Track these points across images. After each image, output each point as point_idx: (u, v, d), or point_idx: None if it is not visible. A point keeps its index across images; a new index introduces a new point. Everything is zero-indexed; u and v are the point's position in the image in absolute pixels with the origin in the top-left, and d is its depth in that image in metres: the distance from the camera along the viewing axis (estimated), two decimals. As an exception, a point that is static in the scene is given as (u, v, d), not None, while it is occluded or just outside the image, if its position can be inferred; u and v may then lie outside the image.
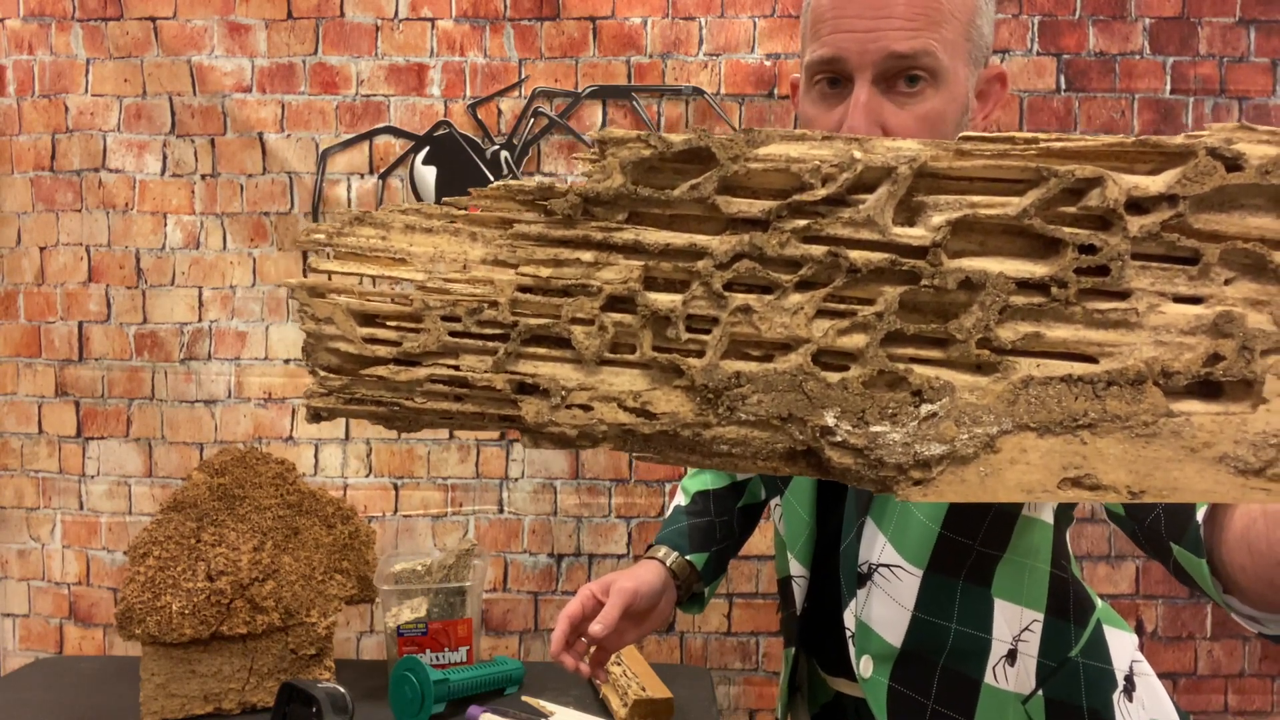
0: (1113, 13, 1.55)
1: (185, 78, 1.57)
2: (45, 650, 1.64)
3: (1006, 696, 0.86)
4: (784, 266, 0.44)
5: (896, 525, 0.86)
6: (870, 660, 0.88)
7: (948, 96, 0.79)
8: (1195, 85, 1.55)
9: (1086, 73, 1.56)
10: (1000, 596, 0.87)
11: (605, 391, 0.45)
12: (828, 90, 0.81)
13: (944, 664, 0.86)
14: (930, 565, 0.85)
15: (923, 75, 0.77)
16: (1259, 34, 1.55)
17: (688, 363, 0.44)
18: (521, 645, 1.61)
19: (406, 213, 0.47)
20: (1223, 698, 1.60)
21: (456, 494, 1.61)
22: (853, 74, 0.78)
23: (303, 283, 0.47)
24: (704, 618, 1.59)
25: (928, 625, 0.86)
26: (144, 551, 1.19)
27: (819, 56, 0.79)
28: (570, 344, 0.45)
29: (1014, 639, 0.87)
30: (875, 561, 0.87)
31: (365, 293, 0.47)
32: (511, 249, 0.46)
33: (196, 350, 1.59)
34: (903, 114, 0.78)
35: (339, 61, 1.57)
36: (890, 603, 0.87)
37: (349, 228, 0.47)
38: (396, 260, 0.46)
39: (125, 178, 1.59)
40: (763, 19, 1.55)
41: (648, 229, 0.45)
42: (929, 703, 0.86)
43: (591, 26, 1.56)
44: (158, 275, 1.59)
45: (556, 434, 0.45)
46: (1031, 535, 0.86)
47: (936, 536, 0.84)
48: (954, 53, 0.78)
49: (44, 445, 1.64)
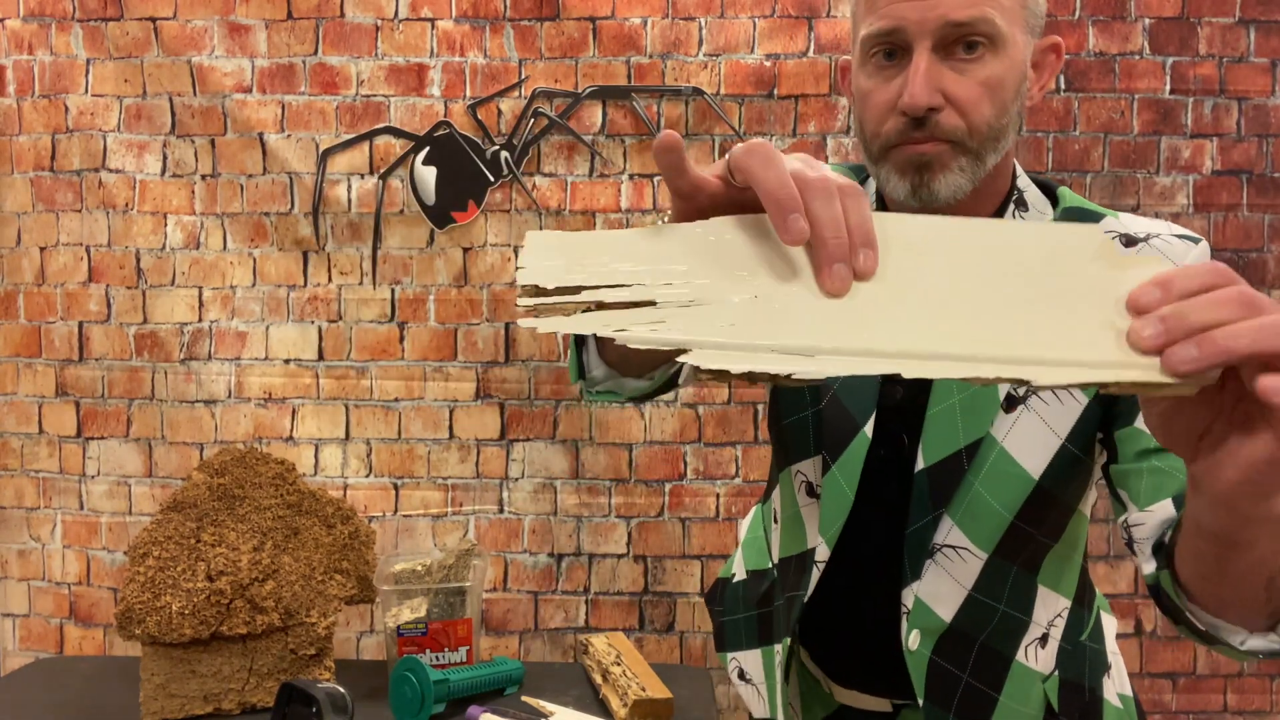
0: (1112, 13, 1.55)
1: (185, 78, 1.57)
2: (45, 650, 1.64)
3: (1032, 675, 0.89)
4: None
5: (966, 510, 0.86)
6: (919, 634, 0.89)
7: (1007, 63, 0.79)
8: (1195, 85, 1.55)
9: (1086, 73, 1.56)
10: (1043, 584, 0.90)
11: None
12: (884, 63, 0.81)
13: (983, 640, 0.89)
14: (996, 551, 0.87)
15: (981, 41, 0.78)
16: (1259, 34, 1.55)
17: None
18: (521, 645, 1.61)
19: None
20: (1221, 697, 1.60)
21: (456, 494, 1.61)
22: (911, 43, 0.78)
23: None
24: (704, 619, 1.59)
25: (980, 605, 0.88)
26: (144, 551, 1.19)
27: (876, 29, 0.79)
28: None
29: (1048, 624, 0.90)
30: (941, 543, 0.88)
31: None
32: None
33: (197, 350, 1.59)
34: (964, 80, 0.78)
35: (339, 62, 1.57)
36: (949, 580, 0.88)
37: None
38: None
39: (125, 178, 1.59)
40: (763, 19, 1.55)
41: None
42: (964, 675, 0.88)
43: (591, 27, 1.56)
44: (158, 275, 1.59)
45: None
46: (1078, 528, 0.90)
47: (1008, 525, 0.85)
48: (1011, 19, 0.79)
49: (44, 445, 1.64)
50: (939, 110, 0.78)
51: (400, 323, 1.60)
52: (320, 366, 1.59)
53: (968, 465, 0.84)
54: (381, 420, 1.60)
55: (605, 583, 1.61)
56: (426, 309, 1.59)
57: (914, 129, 0.79)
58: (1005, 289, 0.48)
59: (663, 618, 1.61)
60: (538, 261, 0.49)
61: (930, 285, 0.48)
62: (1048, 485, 0.83)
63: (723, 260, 0.49)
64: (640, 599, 1.61)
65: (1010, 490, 0.84)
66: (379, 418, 1.60)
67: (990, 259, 0.49)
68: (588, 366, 0.81)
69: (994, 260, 0.49)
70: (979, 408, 0.85)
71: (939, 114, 0.78)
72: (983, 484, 0.84)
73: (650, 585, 1.61)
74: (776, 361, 0.45)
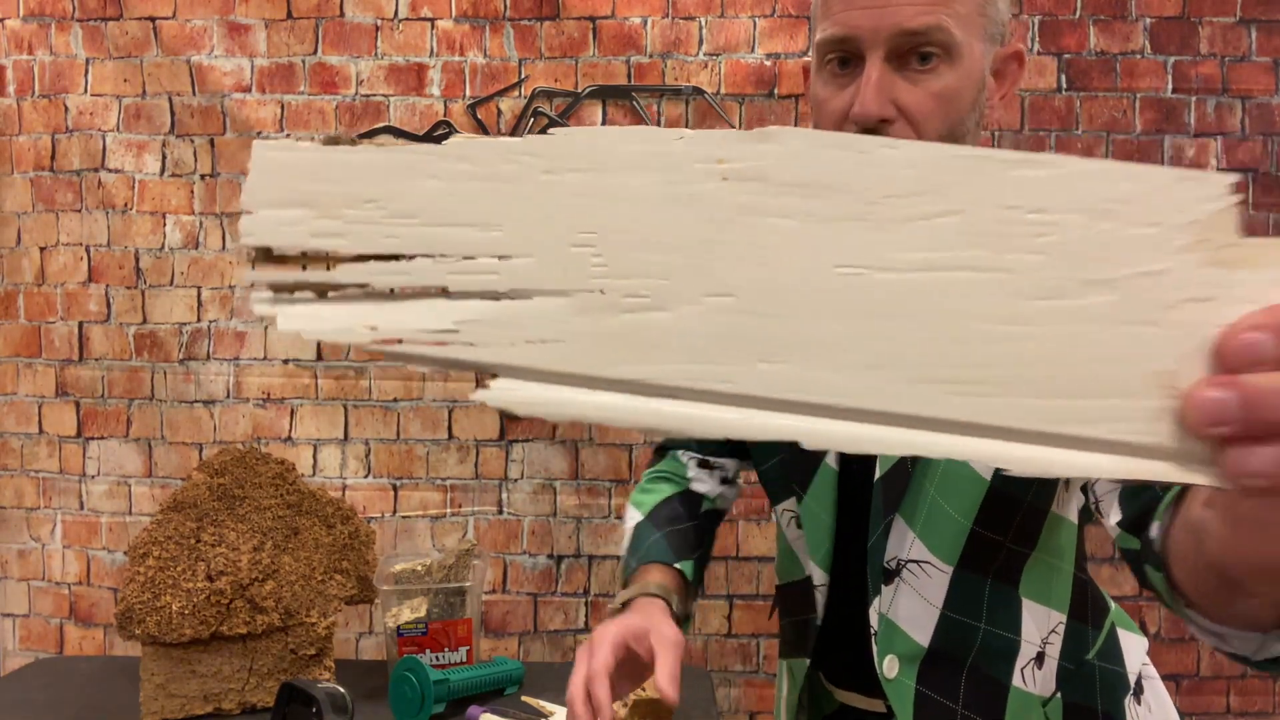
0: (1113, 12, 1.55)
1: (185, 78, 1.57)
2: (45, 650, 1.64)
3: (1032, 700, 0.84)
4: None
5: (926, 521, 0.84)
6: (896, 660, 0.85)
7: (963, 73, 0.77)
8: (1196, 85, 1.55)
9: (1088, 72, 1.56)
10: (1028, 597, 0.85)
11: None
12: (838, 71, 0.79)
13: (971, 665, 0.85)
14: (960, 562, 0.84)
15: (936, 52, 0.75)
16: (1260, 33, 1.55)
17: None
18: (521, 647, 1.61)
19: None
20: (1224, 699, 1.59)
21: (456, 495, 1.61)
22: (864, 52, 0.76)
23: None
24: (704, 619, 1.59)
25: (957, 624, 0.85)
26: (144, 551, 1.19)
27: (829, 35, 0.77)
28: None
29: (1042, 641, 0.85)
30: (904, 558, 0.85)
31: None
32: None
33: (195, 350, 1.59)
34: (916, 90, 0.76)
35: (339, 61, 1.57)
36: (919, 600, 0.85)
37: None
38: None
39: (124, 177, 1.59)
40: (763, 19, 1.55)
41: None
42: (957, 707, 0.84)
43: (591, 26, 1.56)
44: (157, 275, 1.59)
45: None
46: (1058, 534, 0.85)
47: (968, 533, 0.83)
48: (968, 29, 0.77)
49: (44, 445, 1.64)
50: (891, 122, 0.75)
51: (400, 323, 1.59)
52: (319, 367, 1.58)
53: (912, 467, 0.82)
54: (380, 420, 1.60)
55: (605, 585, 1.60)
56: (426, 309, 1.59)
57: None
58: (1011, 286, 0.30)
59: (663, 618, 1.61)
60: (272, 203, 0.32)
61: (891, 279, 0.30)
62: (1001, 486, 0.80)
63: (554, 219, 0.31)
64: (641, 600, 1.60)
65: (964, 494, 0.81)
66: (377, 418, 1.60)
67: (1007, 225, 0.30)
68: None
69: (1011, 228, 0.30)
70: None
71: (891, 126, 0.76)
72: (938, 490, 0.82)
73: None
74: (626, 413, 0.31)
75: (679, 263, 0.31)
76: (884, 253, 0.30)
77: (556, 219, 0.31)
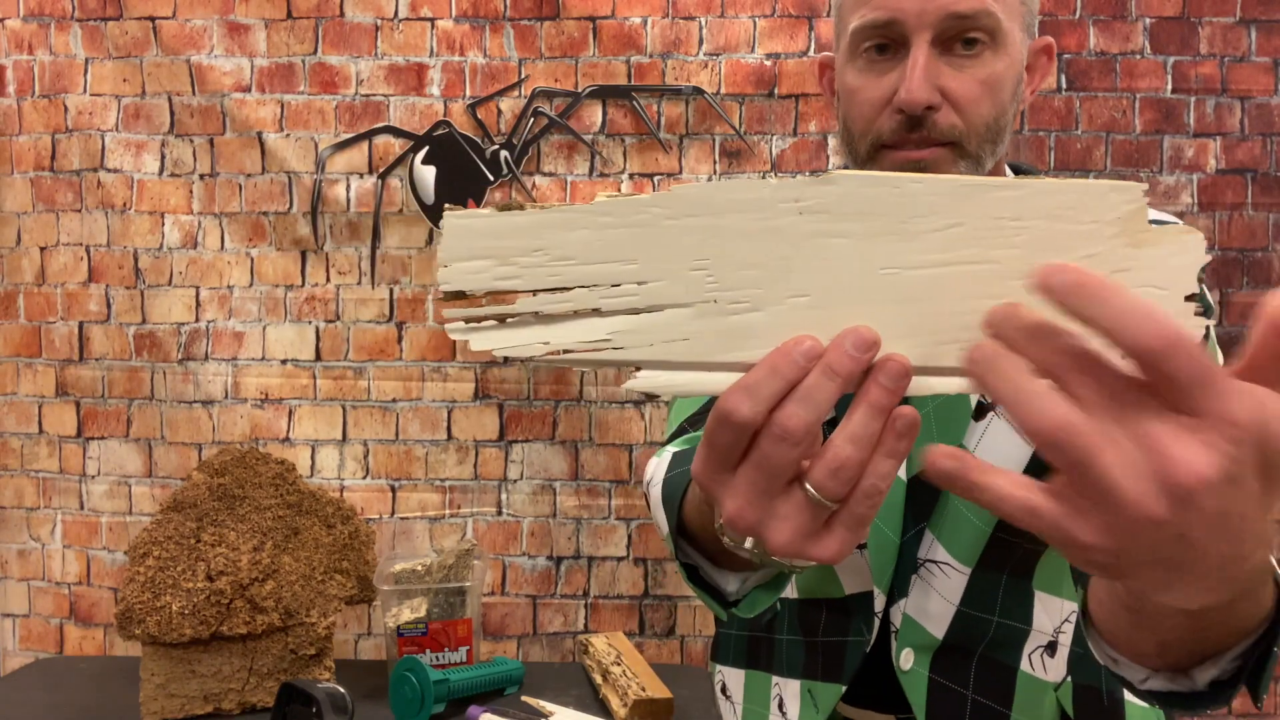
0: (1113, 12, 1.55)
1: (184, 77, 1.57)
2: (45, 650, 1.64)
3: (1043, 685, 0.85)
4: None
5: (946, 525, 0.84)
6: (911, 652, 0.86)
7: (1006, 61, 0.75)
8: (1196, 84, 1.55)
9: (1087, 72, 1.56)
10: (1041, 589, 0.85)
11: None
12: (876, 57, 0.76)
13: (981, 653, 0.85)
14: (979, 564, 0.84)
15: (982, 37, 0.74)
16: (1260, 33, 1.55)
17: None
18: (520, 649, 1.61)
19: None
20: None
21: (454, 495, 1.60)
22: (908, 36, 0.74)
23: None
24: (704, 619, 1.59)
25: (971, 619, 0.85)
26: (144, 551, 1.19)
27: (869, 20, 0.75)
28: None
29: (1055, 630, 0.86)
30: (924, 557, 0.85)
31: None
32: None
33: (194, 350, 1.59)
34: (962, 76, 0.74)
35: (339, 61, 1.57)
36: (936, 597, 0.85)
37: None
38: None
39: (123, 177, 1.59)
40: (763, 19, 1.55)
41: None
42: (968, 693, 0.85)
43: (591, 26, 1.56)
44: (156, 275, 1.59)
45: None
46: None
47: (988, 538, 0.82)
48: (1010, 15, 0.75)
49: (44, 445, 1.64)
50: (936, 109, 0.74)
51: (398, 323, 1.59)
52: (317, 367, 1.58)
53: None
54: (379, 421, 1.60)
55: (605, 586, 1.60)
56: (425, 309, 1.59)
57: (909, 128, 0.74)
58: (999, 272, 0.41)
59: (663, 621, 1.61)
60: (461, 257, 0.42)
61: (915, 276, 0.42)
62: None
63: (677, 252, 0.42)
64: (640, 602, 1.60)
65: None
66: (376, 418, 1.60)
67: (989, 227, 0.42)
68: (718, 583, 0.66)
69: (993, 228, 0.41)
70: (953, 416, 0.81)
71: (936, 113, 0.74)
72: (961, 499, 0.82)
73: (650, 589, 1.60)
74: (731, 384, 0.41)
75: (768, 276, 0.42)
76: (912, 256, 0.41)
77: (679, 252, 0.42)
